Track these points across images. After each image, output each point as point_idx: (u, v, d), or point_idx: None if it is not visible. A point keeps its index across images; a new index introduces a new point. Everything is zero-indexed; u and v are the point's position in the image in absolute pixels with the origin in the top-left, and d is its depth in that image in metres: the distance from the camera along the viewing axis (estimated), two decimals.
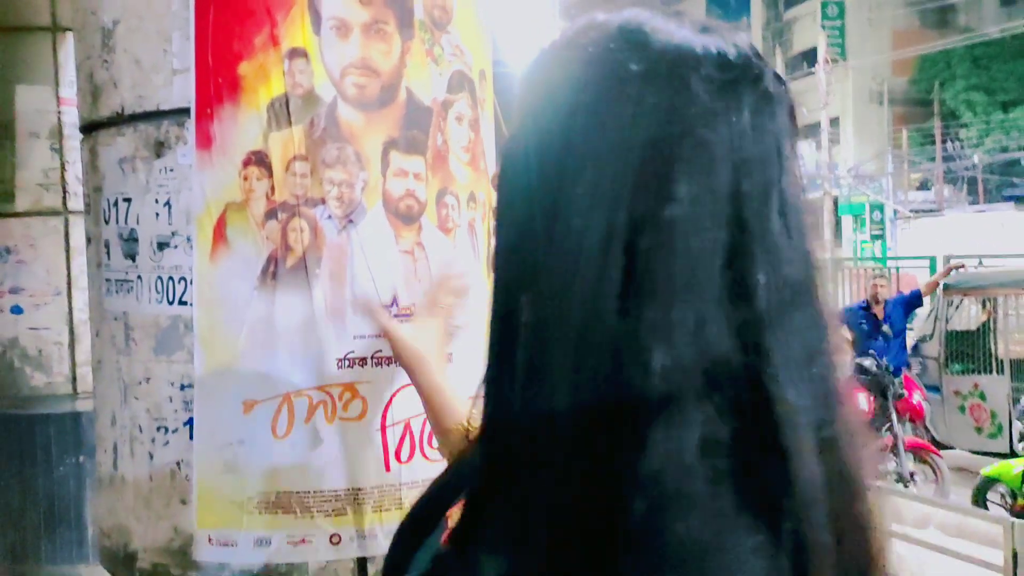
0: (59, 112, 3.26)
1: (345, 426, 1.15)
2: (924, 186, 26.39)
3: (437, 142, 1.22)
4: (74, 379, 3.30)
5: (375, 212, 1.17)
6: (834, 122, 25.64)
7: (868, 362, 6.56)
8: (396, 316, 1.17)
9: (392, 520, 1.15)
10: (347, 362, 1.14)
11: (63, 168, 3.27)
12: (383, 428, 1.17)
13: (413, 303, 1.19)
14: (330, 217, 1.15)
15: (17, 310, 3.28)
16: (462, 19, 1.28)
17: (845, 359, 0.63)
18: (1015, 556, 2.83)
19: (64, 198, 3.28)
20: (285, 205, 1.13)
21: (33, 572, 3.43)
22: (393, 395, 1.17)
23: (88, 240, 1.29)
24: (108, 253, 1.23)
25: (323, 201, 1.14)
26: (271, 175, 1.13)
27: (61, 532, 3.39)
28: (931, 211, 23.75)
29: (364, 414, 1.16)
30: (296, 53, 1.14)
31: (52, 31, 3.25)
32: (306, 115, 1.14)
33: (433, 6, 1.22)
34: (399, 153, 1.18)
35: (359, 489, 1.15)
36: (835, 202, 24.46)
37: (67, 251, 3.27)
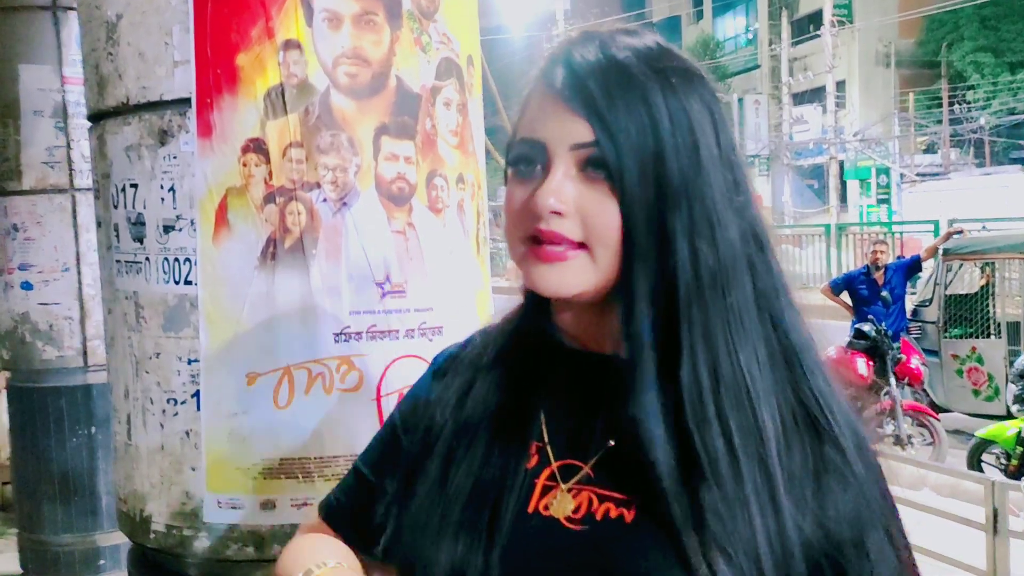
0: (62, 91, 3.31)
1: (342, 396, 1.22)
2: (930, 149, 26.21)
3: (426, 127, 1.28)
4: (84, 352, 3.37)
5: (368, 195, 1.23)
6: (840, 85, 25.42)
7: (867, 327, 6.62)
8: (388, 293, 1.25)
9: None
10: (343, 336, 1.22)
11: (68, 146, 3.33)
12: (378, 398, 1.24)
13: (405, 280, 1.26)
14: (325, 200, 1.21)
15: (27, 286, 3.35)
16: (449, 8, 1.33)
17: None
18: (995, 514, 2.92)
19: (70, 176, 3.33)
20: (282, 189, 1.20)
21: (49, 541, 3.53)
22: (387, 367, 1.25)
23: (99, 223, 1.36)
24: (117, 236, 1.30)
25: (318, 185, 1.21)
26: (269, 161, 1.20)
27: (75, 502, 3.49)
28: (937, 175, 23.61)
29: (360, 385, 1.23)
30: (290, 45, 1.20)
31: (53, 10, 3.28)
32: (301, 104, 1.20)
33: None
34: (390, 138, 1.25)
35: (356, 455, 1.22)
36: (841, 166, 24.35)
37: (74, 228, 3.33)
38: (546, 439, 0.78)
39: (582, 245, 0.71)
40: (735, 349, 0.71)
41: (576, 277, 0.72)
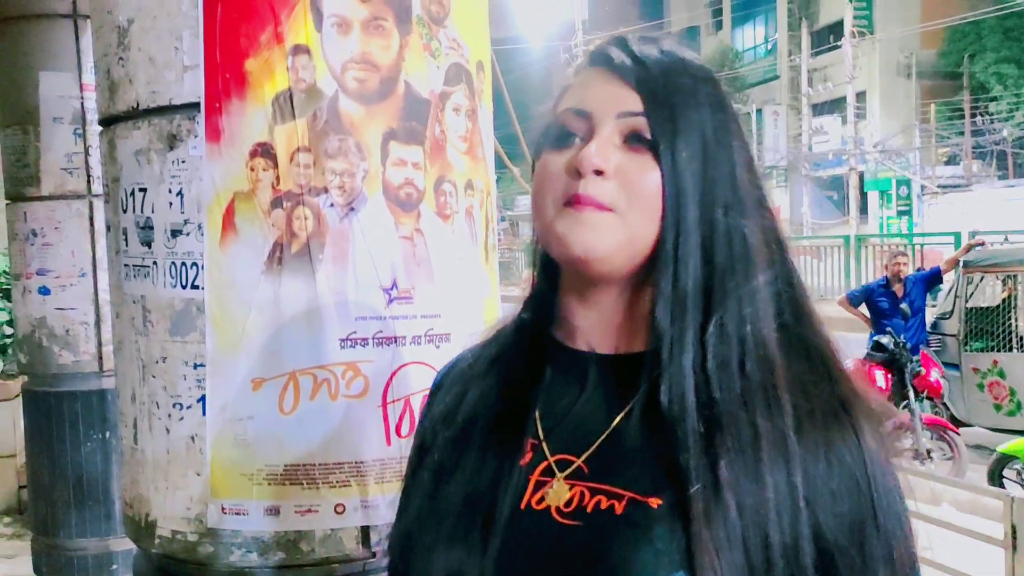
0: (81, 98, 3.34)
1: (348, 403, 1.22)
2: (952, 161, 26.00)
3: (435, 132, 1.28)
4: (100, 357, 3.40)
5: (375, 200, 1.23)
6: (860, 96, 25.30)
7: (886, 339, 6.56)
8: (395, 299, 1.24)
9: (393, 491, 1.22)
10: (349, 342, 1.21)
11: (86, 152, 3.36)
12: (384, 404, 1.23)
13: (412, 286, 1.25)
14: (332, 205, 1.21)
15: (44, 291, 3.38)
16: (459, 14, 1.33)
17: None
18: (1014, 530, 2.87)
19: (88, 182, 3.36)
20: (290, 194, 1.20)
21: (63, 545, 3.55)
22: (393, 373, 1.24)
23: (108, 227, 1.36)
24: (126, 240, 1.30)
25: (326, 190, 1.20)
26: (276, 166, 1.20)
27: (90, 506, 3.50)
28: (959, 186, 23.43)
29: (366, 391, 1.22)
30: (299, 50, 1.20)
31: (73, 18, 3.32)
32: (309, 108, 1.20)
33: (430, 2, 1.27)
34: (398, 143, 1.24)
35: (361, 462, 1.22)
36: (861, 178, 24.20)
37: (91, 233, 3.36)
38: (541, 436, 0.78)
39: (607, 209, 0.73)
40: (760, 327, 0.73)
41: (608, 236, 0.73)
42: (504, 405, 0.80)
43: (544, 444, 0.77)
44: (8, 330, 4.75)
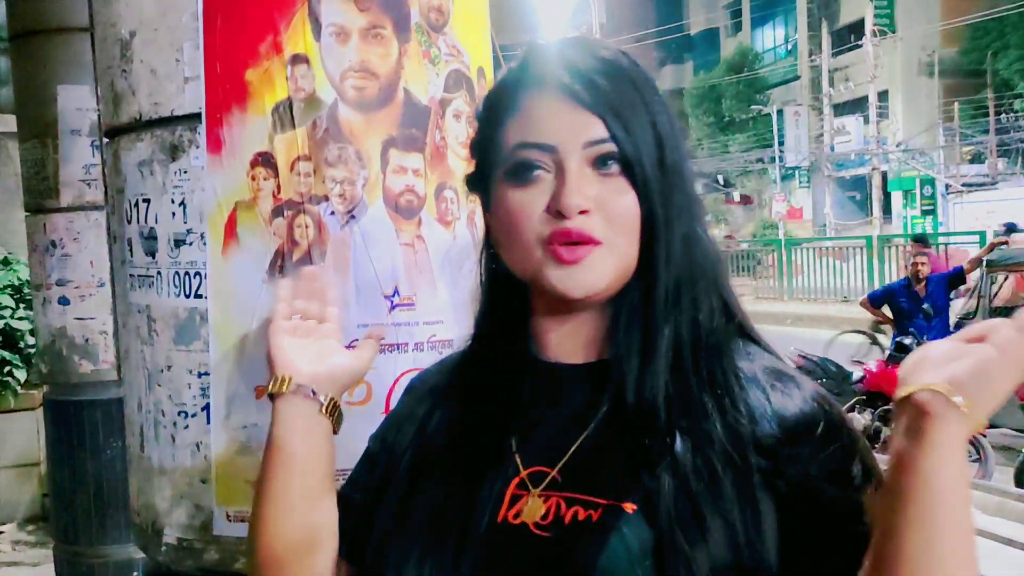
0: (98, 110, 3.37)
1: (350, 410, 1.21)
2: (977, 159, 25.69)
3: (435, 139, 1.28)
4: (119, 366, 3.42)
5: (376, 207, 1.23)
6: (882, 96, 25.07)
7: (908, 340, 6.48)
8: (397, 306, 1.24)
9: None
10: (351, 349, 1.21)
11: (103, 164, 3.39)
12: (387, 411, 1.23)
13: (414, 293, 1.25)
14: (333, 213, 1.21)
15: (64, 301, 3.41)
16: (459, 20, 1.33)
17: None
18: None
19: (105, 193, 3.40)
20: (291, 203, 1.20)
21: (85, 553, 3.57)
22: (396, 380, 1.24)
23: (114, 238, 1.38)
24: (131, 251, 1.32)
25: (326, 198, 1.21)
26: (277, 175, 1.20)
27: (110, 514, 3.53)
28: (984, 185, 23.14)
29: (368, 398, 1.23)
30: (298, 59, 1.20)
31: (90, 32, 3.35)
32: (309, 117, 1.20)
33: (429, 9, 1.28)
34: (398, 151, 1.25)
35: None
36: (884, 178, 23.97)
37: (109, 244, 3.39)
38: (514, 449, 0.78)
39: (596, 243, 0.74)
40: (714, 326, 0.76)
41: (600, 272, 0.74)
42: (477, 422, 0.80)
43: (517, 457, 0.77)
44: (30, 340, 4.81)
